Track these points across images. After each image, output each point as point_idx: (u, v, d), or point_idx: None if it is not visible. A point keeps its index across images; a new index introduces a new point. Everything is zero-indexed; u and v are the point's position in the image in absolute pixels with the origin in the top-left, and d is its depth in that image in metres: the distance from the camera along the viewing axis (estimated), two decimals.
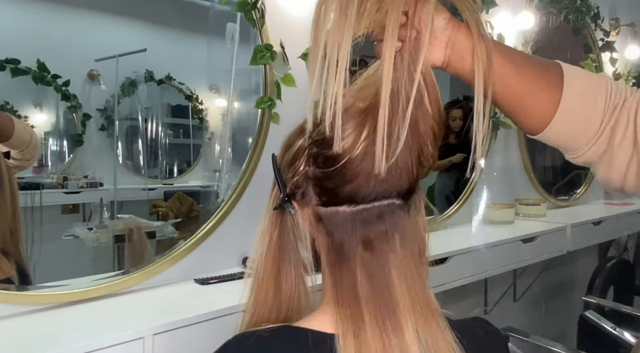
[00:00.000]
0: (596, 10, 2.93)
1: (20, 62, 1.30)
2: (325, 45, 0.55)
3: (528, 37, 2.52)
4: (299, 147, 0.60)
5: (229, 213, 1.46)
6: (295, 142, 0.61)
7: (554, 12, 2.63)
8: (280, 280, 0.62)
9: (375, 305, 0.56)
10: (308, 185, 0.59)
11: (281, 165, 0.62)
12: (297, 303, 0.63)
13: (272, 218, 0.63)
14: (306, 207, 0.60)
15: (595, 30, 3.02)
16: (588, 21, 2.93)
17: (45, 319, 1.09)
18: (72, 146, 1.46)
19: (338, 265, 0.58)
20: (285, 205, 0.61)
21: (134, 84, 1.58)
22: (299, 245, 0.62)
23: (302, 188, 0.59)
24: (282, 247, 0.62)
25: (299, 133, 0.61)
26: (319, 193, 0.58)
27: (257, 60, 1.46)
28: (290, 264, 0.63)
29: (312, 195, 0.59)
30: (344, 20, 0.54)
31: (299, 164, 0.59)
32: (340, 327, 0.56)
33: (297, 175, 0.60)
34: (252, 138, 1.52)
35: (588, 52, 3.07)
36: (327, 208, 0.58)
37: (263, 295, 0.63)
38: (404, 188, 0.57)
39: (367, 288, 0.56)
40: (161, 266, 1.32)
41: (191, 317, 1.09)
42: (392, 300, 0.56)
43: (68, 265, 1.35)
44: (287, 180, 0.61)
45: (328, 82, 0.54)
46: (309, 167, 0.59)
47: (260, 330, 0.59)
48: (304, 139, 0.59)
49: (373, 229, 0.57)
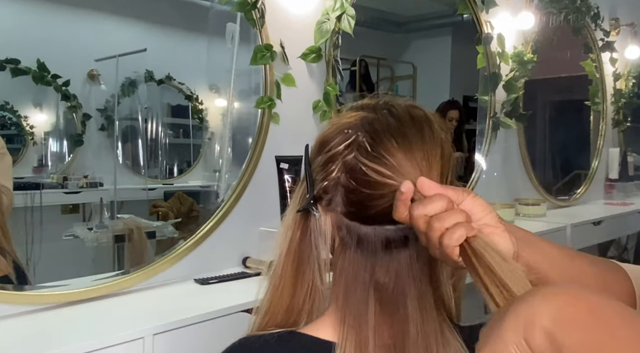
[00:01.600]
0: (596, 10, 2.93)
1: (20, 62, 1.31)
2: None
3: (528, 37, 2.52)
4: (337, 151, 0.56)
5: (229, 213, 1.46)
6: (332, 143, 0.56)
7: (554, 12, 2.63)
8: (297, 282, 0.60)
9: (383, 333, 0.54)
10: (337, 192, 0.56)
11: (313, 163, 0.58)
12: (311, 306, 0.61)
13: (296, 219, 0.60)
14: (331, 213, 0.58)
15: (595, 30, 3.02)
16: (588, 21, 2.93)
17: (45, 319, 1.09)
18: (72, 146, 1.46)
19: (352, 283, 0.56)
20: (310, 208, 0.58)
21: (134, 84, 1.58)
22: (320, 250, 0.59)
23: (330, 194, 0.57)
24: (302, 249, 0.60)
25: (338, 133, 0.56)
26: (346, 203, 0.56)
27: (257, 60, 1.46)
28: (309, 267, 0.60)
29: (338, 202, 0.56)
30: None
31: (332, 167, 0.56)
32: (343, 338, 0.55)
33: (328, 179, 0.56)
34: (252, 138, 1.52)
35: (588, 52, 3.08)
36: (352, 221, 0.56)
37: (278, 296, 0.60)
38: None
39: (378, 317, 0.55)
40: (161, 266, 1.32)
41: (191, 317, 1.09)
42: (402, 330, 0.54)
43: (68, 265, 1.35)
44: (316, 181, 0.57)
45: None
46: (342, 174, 0.55)
47: (266, 335, 0.58)
48: (345, 145, 0.55)
49: (395, 253, 0.55)
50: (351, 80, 2.70)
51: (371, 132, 0.54)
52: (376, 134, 0.54)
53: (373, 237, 0.55)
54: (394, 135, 0.54)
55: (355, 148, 0.54)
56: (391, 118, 0.55)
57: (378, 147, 0.53)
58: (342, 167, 0.55)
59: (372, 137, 0.54)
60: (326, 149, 0.57)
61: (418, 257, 0.55)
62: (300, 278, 0.60)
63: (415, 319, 0.54)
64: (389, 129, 0.54)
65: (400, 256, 0.55)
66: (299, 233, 0.60)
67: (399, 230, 0.54)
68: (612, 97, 3.26)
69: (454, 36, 3.10)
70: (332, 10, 1.60)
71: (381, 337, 0.55)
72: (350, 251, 0.57)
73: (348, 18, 1.60)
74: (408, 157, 0.53)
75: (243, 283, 1.34)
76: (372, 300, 0.55)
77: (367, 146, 0.53)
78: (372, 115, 0.56)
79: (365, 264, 0.56)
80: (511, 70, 2.40)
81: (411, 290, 0.55)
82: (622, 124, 3.35)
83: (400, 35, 3.21)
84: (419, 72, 3.07)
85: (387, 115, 0.56)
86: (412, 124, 0.55)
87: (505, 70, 2.38)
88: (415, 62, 3.08)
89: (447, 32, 3.10)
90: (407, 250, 0.55)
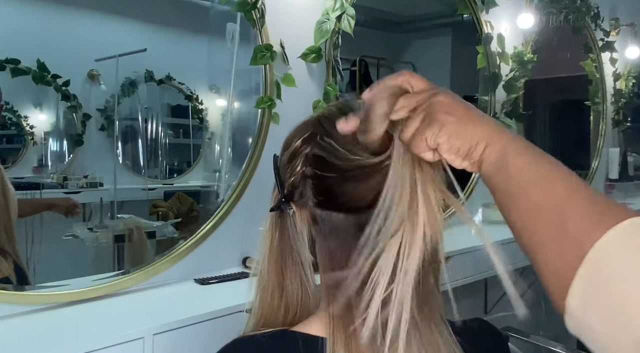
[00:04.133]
0: (596, 10, 2.93)
1: (20, 62, 1.30)
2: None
3: (528, 37, 2.52)
4: (297, 147, 0.60)
5: (229, 213, 1.46)
6: (293, 142, 0.61)
7: (554, 12, 2.63)
8: (285, 282, 0.62)
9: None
10: (305, 185, 0.59)
11: (281, 166, 0.62)
12: (301, 304, 0.62)
13: (272, 219, 0.63)
14: (304, 209, 0.60)
15: (595, 30, 3.02)
16: (588, 21, 2.93)
17: (45, 319, 1.09)
18: (72, 146, 1.46)
19: (331, 270, 0.58)
20: (282, 206, 0.61)
21: (134, 84, 1.58)
22: (300, 247, 0.61)
23: (299, 188, 0.59)
24: (283, 248, 0.62)
25: (296, 133, 0.62)
26: (315, 193, 0.58)
27: (257, 60, 1.46)
28: (294, 265, 0.62)
29: (309, 196, 0.59)
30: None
31: (296, 163, 0.60)
32: (331, 333, 0.55)
33: (294, 175, 0.60)
34: (252, 138, 1.52)
35: (588, 52, 3.08)
36: (323, 211, 0.58)
37: (269, 297, 0.62)
38: None
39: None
40: (161, 266, 1.32)
41: (191, 317, 1.09)
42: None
43: (68, 265, 1.35)
44: (285, 180, 0.61)
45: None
46: (306, 167, 0.59)
47: (259, 335, 0.59)
48: (302, 140, 0.60)
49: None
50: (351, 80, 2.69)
51: (320, 125, 0.60)
52: (325, 123, 0.59)
53: (345, 223, 0.57)
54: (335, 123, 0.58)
55: (310, 140, 0.59)
56: (336, 110, 0.61)
57: (326, 136, 0.57)
58: (304, 161, 0.59)
59: (322, 128, 0.59)
60: (288, 148, 0.61)
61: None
62: (286, 277, 0.62)
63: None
64: (332, 120, 0.58)
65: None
66: (277, 234, 0.62)
67: (369, 214, 0.55)
68: (612, 97, 3.26)
69: (454, 36, 3.09)
70: (332, 10, 1.60)
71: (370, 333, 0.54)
72: (327, 241, 0.59)
73: (348, 18, 1.60)
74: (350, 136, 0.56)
75: (243, 283, 1.34)
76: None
77: (318, 137, 0.58)
78: (325, 111, 0.62)
79: (342, 251, 0.57)
80: (511, 70, 2.40)
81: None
82: (622, 124, 3.35)
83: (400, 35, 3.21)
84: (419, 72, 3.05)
85: (334, 109, 0.61)
86: (350, 110, 0.59)
87: (505, 70, 2.38)
88: (415, 62, 3.08)
89: (447, 32, 3.10)
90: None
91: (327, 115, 0.61)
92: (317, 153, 0.58)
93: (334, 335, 0.55)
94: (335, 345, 0.55)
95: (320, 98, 1.65)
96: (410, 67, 3.09)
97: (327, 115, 0.61)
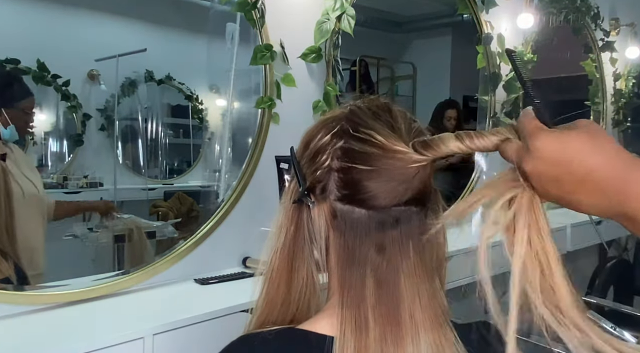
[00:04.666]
0: (596, 10, 2.92)
1: (20, 62, 1.30)
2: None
3: (528, 37, 2.52)
4: (325, 142, 0.60)
5: (229, 213, 1.45)
6: (320, 136, 0.60)
7: (554, 12, 2.63)
8: (292, 277, 0.62)
9: (381, 311, 0.55)
10: (330, 178, 0.59)
11: (301, 160, 0.62)
12: (307, 302, 0.63)
13: (289, 213, 0.62)
14: (324, 203, 0.60)
15: (595, 30, 3.02)
16: (588, 21, 2.93)
17: (45, 319, 1.09)
18: (72, 146, 1.46)
19: (348, 266, 0.58)
20: (304, 198, 0.60)
21: (134, 84, 1.58)
22: (313, 243, 0.61)
23: (323, 182, 0.59)
24: (297, 243, 0.62)
25: (322, 128, 0.61)
26: (340, 186, 0.58)
27: (257, 60, 1.46)
28: (304, 261, 0.62)
29: (332, 190, 0.59)
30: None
31: (322, 157, 0.59)
32: (342, 331, 0.55)
33: (320, 169, 0.59)
34: (252, 138, 1.52)
35: (588, 52, 3.07)
36: (345, 205, 0.58)
37: (274, 292, 0.62)
38: (421, 194, 0.58)
39: (375, 294, 0.56)
40: (161, 266, 1.32)
41: (191, 317, 1.09)
42: (398, 308, 0.55)
43: (68, 265, 1.35)
44: (308, 174, 0.60)
45: None
46: (334, 160, 0.58)
47: (265, 332, 0.59)
48: (332, 134, 0.59)
49: (388, 233, 0.57)
50: (351, 80, 2.70)
51: (353, 119, 0.59)
52: (358, 118, 0.59)
53: (367, 219, 0.57)
54: (373, 117, 0.59)
55: (343, 134, 0.58)
56: (365, 107, 0.61)
57: (363, 128, 0.57)
58: (332, 154, 0.58)
59: (355, 122, 0.59)
60: (312, 144, 0.60)
61: (410, 236, 0.57)
62: (295, 273, 0.62)
63: (411, 295, 0.56)
64: (366, 114, 0.60)
65: (393, 235, 0.57)
66: (293, 228, 0.62)
67: (391, 212, 0.57)
68: (612, 97, 3.26)
69: (454, 36, 3.10)
70: (332, 10, 1.60)
71: (380, 331, 0.55)
72: (344, 237, 0.58)
73: (348, 18, 1.60)
74: (390, 131, 0.57)
75: (243, 283, 1.34)
76: (369, 291, 0.56)
77: (351, 130, 0.58)
78: (352, 108, 0.61)
79: (361, 250, 0.57)
80: (511, 70, 2.40)
81: (405, 267, 0.57)
82: (622, 124, 3.35)
83: (400, 35, 3.21)
84: (419, 72, 3.07)
85: (362, 106, 0.61)
86: (380, 108, 0.61)
87: (505, 70, 2.38)
88: (415, 62, 3.08)
89: (447, 32, 3.10)
90: (398, 229, 0.57)
91: (361, 110, 0.61)
92: (349, 146, 0.57)
93: (344, 334, 0.55)
94: (346, 344, 0.54)
95: (320, 98, 1.65)
96: (410, 67, 3.09)
97: (361, 109, 0.61)
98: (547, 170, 0.47)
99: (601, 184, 0.44)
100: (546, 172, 0.47)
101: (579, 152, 0.45)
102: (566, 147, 0.46)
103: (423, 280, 0.57)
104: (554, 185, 0.47)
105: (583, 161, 0.45)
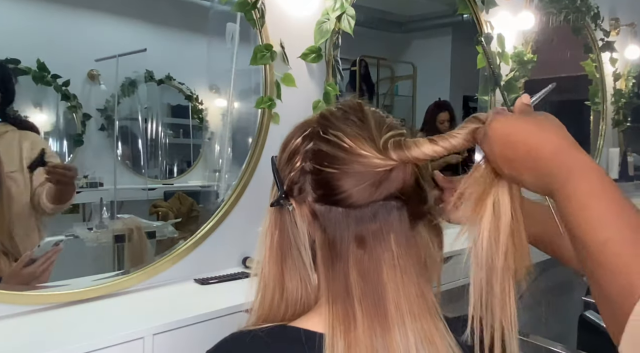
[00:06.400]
0: (596, 10, 2.92)
1: (20, 62, 1.30)
2: None
3: (528, 37, 2.51)
4: (297, 145, 0.62)
5: (229, 213, 1.46)
6: (292, 140, 0.63)
7: (554, 12, 2.63)
8: (285, 280, 0.63)
9: (367, 304, 0.56)
10: (305, 179, 0.60)
11: (279, 164, 0.64)
12: (301, 302, 0.63)
13: (272, 217, 0.64)
14: (303, 204, 0.61)
15: (595, 30, 3.02)
16: (588, 21, 2.93)
17: (45, 319, 1.09)
18: (72, 146, 1.46)
19: (331, 262, 0.58)
20: (282, 201, 0.62)
21: (134, 84, 1.58)
22: (300, 244, 0.62)
23: (298, 183, 0.61)
24: (283, 246, 0.63)
25: (297, 131, 0.63)
26: (314, 187, 0.59)
27: (257, 60, 1.46)
28: (294, 263, 0.63)
29: (308, 191, 0.60)
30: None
31: (296, 159, 0.61)
32: (332, 326, 0.56)
33: (294, 171, 0.61)
34: (252, 138, 1.52)
35: (588, 52, 3.07)
36: (322, 206, 0.59)
37: (269, 296, 0.63)
38: (401, 191, 0.58)
39: (360, 287, 0.57)
40: (161, 266, 1.32)
41: (191, 317, 1.09)
42: (383, 300, 0.56)
43: (68, 265, 1.35)
44: (285, 177, 0.62)
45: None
46: (305, 162, 0.60)
47: (256, 330, 0.59)
48: (302, 137, 0.61)
49: (367, 227, 0.58)
50: (351, 80, 2.69)
51: (323, 122, 0.61)
52: (328, 120, 0.61)
53: (345, 217, 0.58)
54: (343, 119, 0.61)
55: (313, 136, 0.60)
56: (337, 109, 0.63)
57: (332, 130, 0.59)
58: (304, 156, 0.60)
59: (325, 124, 0.61)
60: (288, 147, 0.63)
61: (390, 229, 0.58)
62: (286, 275, 0.63)
63: (394, 285, 0.57)
64: (336, 117, 0.61)
65: (373, 228, 0.58)
66: (277, 232, 0.63)
67: (369, 208, 0.58)
68: (612, 97, 3.26)
69: (454, 36, 3.09)
70: (332, 10, 1.60)
71: (368, 323, 0.56)
72: (327, 236, 0.59)
73: (348, 18, 1.60)
74: (359, 131, 0.59)
75: (243, 283, 1.34)
76: (354, 284, 0.57)
77: (321, 132, 0.60)
78: (323, 111, 0.64)
79: (342, 245, 0.58)
80: (511, 70, 2.40)
81: (387, 259, 0.58)
82: (622, 124, 3.35)
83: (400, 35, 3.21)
84: (419, 72, 3.06)
85: (334, 109, 0.63)
86: (352, 110, 0.62)
87: (505, 70, 2.38)
88: (415, 62, 3.08)
89: (447, 32, 3.10)
90: (377, 223, 0.58)
91: (332, 113, 0.62)
92: (318, 148, 0.59)
93: (333, 329, 0.56)
94: (335, 339, 0.55)
95: (320, 98, 1.65)
96: (410, 67, 3.09)
97: (332, 112, 0.62)
98: (500, 150, 0.52)
99: (536, 163, 0.49)
100: (500, 152, 0.52)
101: (523, 133, 0.51)
102: (516, 130, 0.52)
103: (407, 272, 0.58)
104: (507, 164, 0.52)
105: (526, 141, 0.50)
